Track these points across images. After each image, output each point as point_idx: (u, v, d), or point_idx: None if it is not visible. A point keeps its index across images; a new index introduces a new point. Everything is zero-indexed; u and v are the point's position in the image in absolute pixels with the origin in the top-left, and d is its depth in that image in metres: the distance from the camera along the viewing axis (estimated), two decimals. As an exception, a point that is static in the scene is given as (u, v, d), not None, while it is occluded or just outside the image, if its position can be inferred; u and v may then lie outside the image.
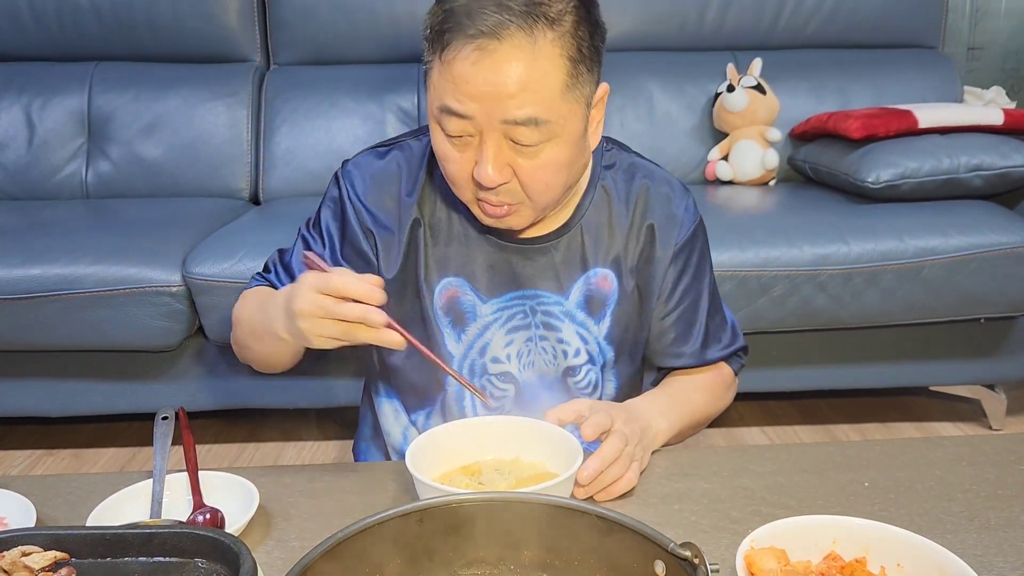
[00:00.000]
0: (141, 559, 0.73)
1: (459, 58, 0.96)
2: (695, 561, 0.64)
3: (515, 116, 0.97)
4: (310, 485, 1.02)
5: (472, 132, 1.00)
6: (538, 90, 0.97)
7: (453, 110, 0.99)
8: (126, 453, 2.37)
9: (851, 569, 0.78)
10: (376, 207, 1.17)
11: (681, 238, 1.19)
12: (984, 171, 2.16)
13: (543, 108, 0.98)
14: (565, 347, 1.18)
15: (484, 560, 0.74)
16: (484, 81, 0.96)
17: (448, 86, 0.98)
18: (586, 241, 1.17)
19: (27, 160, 2.60)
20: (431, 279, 1.17)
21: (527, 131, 0.98)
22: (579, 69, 1.01)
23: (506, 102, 0.97)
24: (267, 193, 2.62)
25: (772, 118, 2.58)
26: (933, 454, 1.06)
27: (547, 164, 1.02)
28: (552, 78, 0.98)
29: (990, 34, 3.12)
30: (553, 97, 0.99)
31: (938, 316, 2.11)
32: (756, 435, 2.41)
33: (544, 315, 1.18)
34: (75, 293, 1.97)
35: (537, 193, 1.04)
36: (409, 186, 1.17)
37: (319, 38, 2.72)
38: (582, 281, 1.17)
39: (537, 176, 1.02)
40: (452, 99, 0.98)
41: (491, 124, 0.98)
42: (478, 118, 0.98)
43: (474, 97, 0.97)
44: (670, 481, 1.02)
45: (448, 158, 1.04)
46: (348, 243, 1.18)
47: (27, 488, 0.97)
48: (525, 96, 0.97)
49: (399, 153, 1.20)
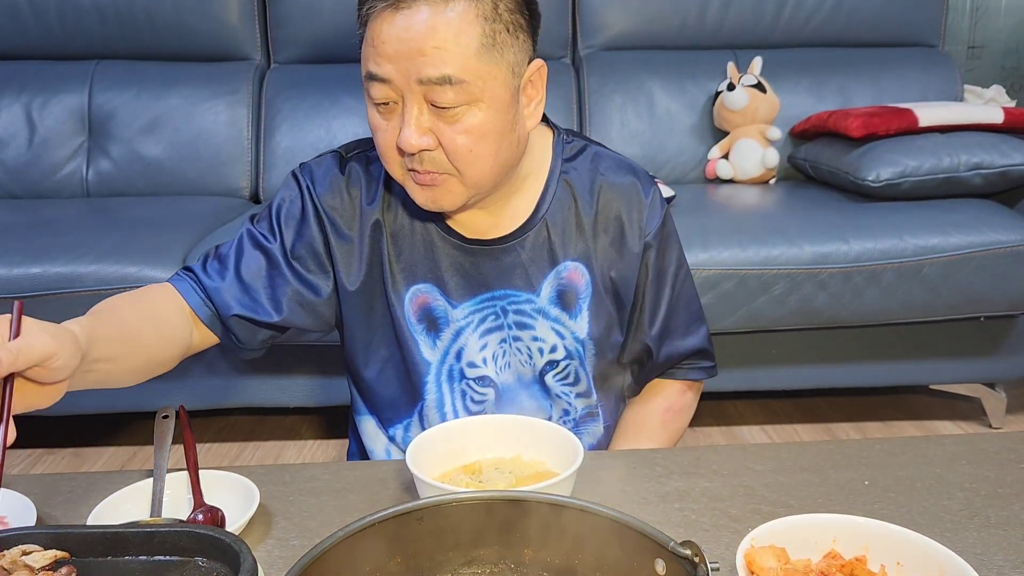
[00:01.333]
0: (141, 558, 0.73)
1: (376, 20, 0.99)
2: (695, 560, 0.64)
3: (429, 74, 0.97)
4: (310, 484, 1.02)
5: (395, 98, 1.01)
6: (450, 48, 0.97)
7: (373, 73, 1.00)
8: (126, 452, 2.37)
9: (851, 567, 0.78)
10: (335, 212, 1.15)
11: (652, 227, 1.17)
12: (984, 170, 2.16)
13: (457, 67, 0.97)
14: (541, 344, 1.17)
15: (484, 559, 0.74)
16: (397, 39, 0.97)
17: (369, 51, 1.00)
18: (552, 236, 1.15)
19: (28, 158, 2.60)
20: (399, 287, 1.15)
21: (444, 91, 0.98)
22: (496, 29, 0.99)
23: (418, 59, 0.97)
24: (267, 192, 2.62)
25: (772, 117, 2.58)
26: (933, 452, 1.06)
27: (470, 129, 1.01)
28: (465, 36, 0.98)
29: (990, 32, 3.11)
30: (467, 56, 0.98)
31: (938, 315, 2.11)
32: (756, 433, 2.41)
33: (516, 314, 1.16)
34: (76, 291, 1.97)
35: (463, 162, 1.02)
36: (370, 194, 1.16)
37: (319, 36, 2.72)
38: (552, 276, 1.15)
39: (459, 142, 1.01)
40: (372, 63, 1.00)
41: (409, 86, 0.99)
42: (396, 80, 0.99)
43: (390, 57, 0.98)
44: (670, 480, 1.02)
45: (376, 127, 1.04)
46: (304, 242, 1.14)
47: (27, 487, 0.97)
48: (437, 54, 0.97)
49: (358, 163, 1.18)
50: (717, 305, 2.01)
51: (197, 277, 1.13)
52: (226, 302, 1.11)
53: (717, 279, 2.00)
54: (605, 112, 2.64)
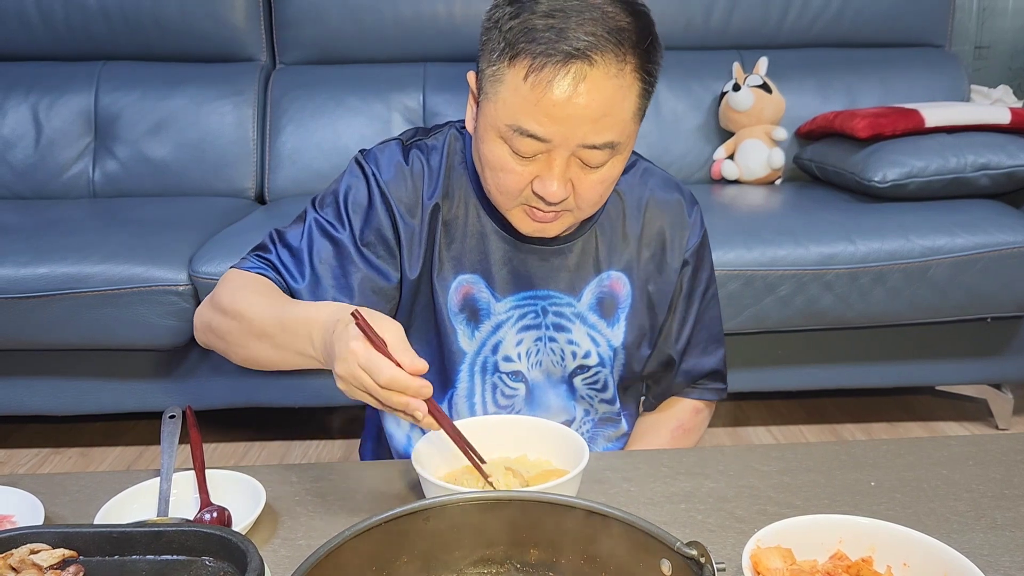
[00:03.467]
0: (148, 557, 0.73)
1: (548, 81, 0.94)
2: (701, 560, 0.64)
3: (594, 141, 0.97)
4: (317, 484, 1.03)
5: (541, 151, 0.99)
6: (618, 115, 0.97)
7: (532, 132, 0.96)
8: (133, 451, 2.38)
9: (857, 568, 0.78)
10: (400, 199, 1.14)
11: (691, 245, 1.20)
12: (991, 170, 2.16)
13: (619, 132, 0.98)
14: (575, 348, 1.18)
15: (490, 559, 0.74)
16: (571, 103, 0.94)
17: (528, 107, 0.95)
18: (600, 244, 1.17)
19: (34, 159, 2.61)
20: (446, 275, 1.16)
21: (600, 154, 0.98)
22: (649, 91, 1.01)
23: (589, 126, 0.95)
24: (273, 192, 2.63)
25: (778, 117, 2.58)
26: (939, 453, 1.06)
27: (605, 179, 1.02)
28: (630, 102, 0.98)
29: (997, 33, 3.11)
30: (627, 121, 0.99)
31: (944, 315, 2.10)
32: (762, 434, 2.40)
33: (556, 316, 1.17)
34: (82, 292, 1.97)
35: (589, 204, 1.05)
36: (431, 183, 1.15)
37: (325, 37, 2.73)
38: (595, 283, 1.17)
39: (595, 190, 1.02)
40: (532, 121, 0.96)
41: (567, 147, 0.97)
42: (555, 140, 0.96)
43: (558, 120, 0.95)
44: (676, 480, 1.02)
45: (507, 170, 1.01)
46: (372, 228, 1.13)
47: (35, 486, 0.98)
48: (606, 121, 0.96)
49: (419, 152, 1.17)
50: (723, 306, 2.00)
51: (282, 278, 1.12)
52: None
53: (723, 280, 2.00)
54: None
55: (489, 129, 1.01)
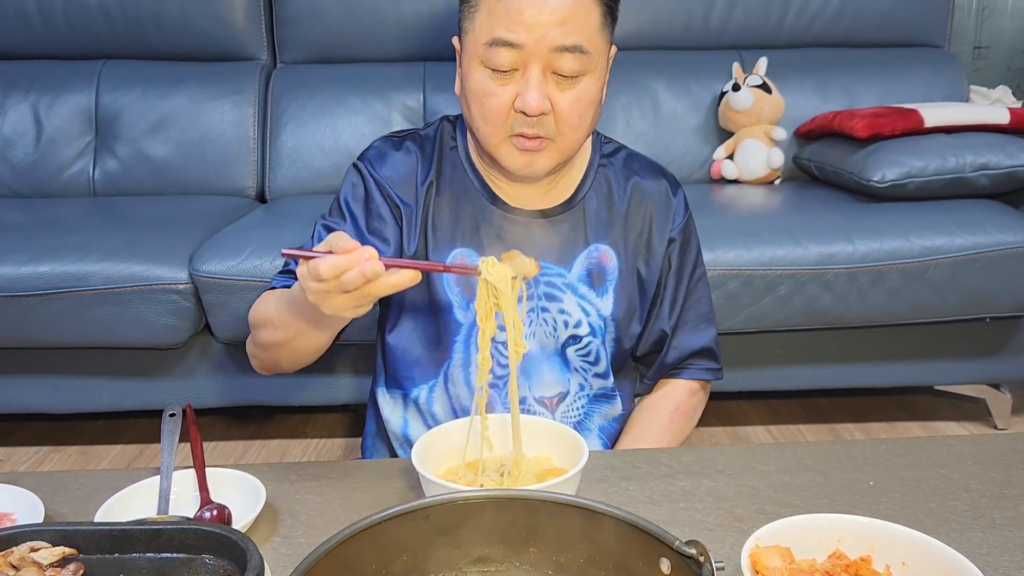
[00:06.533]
0: (148, 555, 0.74)
1: None
2: (700, 559, 0.64)
3: (563, 42, 1.06)
4: (317, 482, 1.03)
5: (518, 65, 1.08)
6: (582, 21, 1.07)
7: (506, 40, 1.06)
8: (133, 450, 2.38)
9: (856, 568, 0.78)
10: (394, 183, 1.23)
11: (676, 224, 1.27)
12: (990, 170, 2.16)
13: (586, 38, 1.08)
14: (566, 318, 1.23)
15: (490, 557, 0.74)
16: (537, 8, 1.05)
17: (501, 19, 1.06)
18: (587, 219, 1.24)
19: (35, 158, 2.61)
20: (441, 249, 1.22)
21: (571, 59, 1.07)
22: (611, 8, 1.12)
23: (555, 29, 1.05)
24: (273, 191, 2.63)
25: (777, 117, 2.58)
26: (938, 453, 1.07)
27: (581, 97, 1.10)
28: (593, 13, 1.09)
29: (996, 33, 3.11)
30: (593, 30, 1.09)
31: (943, 315, 2.10)
32: (761, 434, 2.41)
33: (547, 286, 1.23)
34: (82, 290, 1.97)
35: (569, 127, 1.11)
36: (424, 165, 1.24)
37: (325, 37, 2.73)
38: (584, 255, 1.24)
39: (573, 108, 1.10)
40: (505, 29, 1.06)
41: (539, 52, 1.07)
42: (528, 46, 1.06)
43: (527, 26, 1.05)
44: (675, 479, 1.02)
45: (489, 93, 1.10)
46: (374, 216, 1.23)
47: (35, 484, 0.98)
48: (572, 24, 1.06)
49: (411, 142, 1.26)
50: (722, 305, 2.01)
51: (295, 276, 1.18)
52: None
53: (722, 279, 2.00)
54: (610, 112, 2.64)
55: (472, 61, 1.11)
